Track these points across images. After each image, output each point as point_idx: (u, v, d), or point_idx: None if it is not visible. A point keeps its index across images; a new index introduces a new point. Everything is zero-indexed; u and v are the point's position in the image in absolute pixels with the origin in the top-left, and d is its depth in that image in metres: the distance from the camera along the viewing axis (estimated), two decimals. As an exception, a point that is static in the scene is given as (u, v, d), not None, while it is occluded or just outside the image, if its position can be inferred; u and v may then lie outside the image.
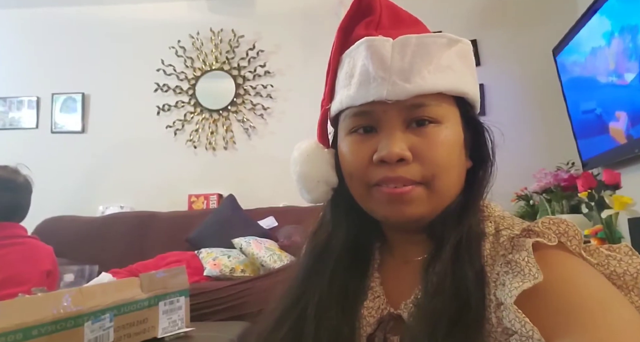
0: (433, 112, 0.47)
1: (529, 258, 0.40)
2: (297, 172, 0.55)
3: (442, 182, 0.47)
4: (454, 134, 0.48)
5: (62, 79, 3.13)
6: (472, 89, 0.50)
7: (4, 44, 3.21)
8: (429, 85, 0.46)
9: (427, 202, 0.47)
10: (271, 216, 2.60)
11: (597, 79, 2.01)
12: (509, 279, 0.40)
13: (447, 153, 0.46)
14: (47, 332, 0.79)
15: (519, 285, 0.38)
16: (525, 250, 0.41)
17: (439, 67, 0.47)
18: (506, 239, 0.44)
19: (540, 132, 2.68)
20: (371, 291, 0.50)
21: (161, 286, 1.06)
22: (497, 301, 0.41)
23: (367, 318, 0.49)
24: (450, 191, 0.48)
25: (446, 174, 0.47)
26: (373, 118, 0.48)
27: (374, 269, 0.53)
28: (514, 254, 0.42)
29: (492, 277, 0.43)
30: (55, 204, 2.83)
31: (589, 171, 2.01)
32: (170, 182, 2.96)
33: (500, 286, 0.41)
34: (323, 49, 3.02)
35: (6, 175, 1.50)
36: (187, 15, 3.14)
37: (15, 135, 3.10)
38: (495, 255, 0.44)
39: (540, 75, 2.68)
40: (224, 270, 2.06)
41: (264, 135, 3.00)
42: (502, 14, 2.85)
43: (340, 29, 0.54)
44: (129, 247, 2.52)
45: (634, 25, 1.69)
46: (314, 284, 0.51)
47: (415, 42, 0.46)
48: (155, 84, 3.06)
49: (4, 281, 1.35)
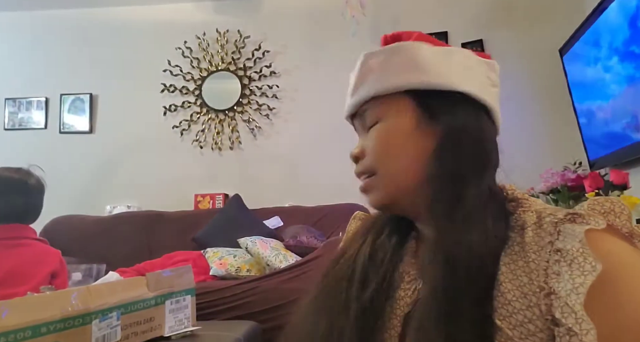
0: (372, 115, 0.56)
1: (584, 249, 0.40)
2: None
3: (387, 168, 0.54)
4: (391, 126, 0.55)
5: (71, 80, 3.16)
6: (414, 78, 0.54)
7: (14, 45, 3.25)
8: (363, 93, 0.56)
9: (381, 189, 0.55)
10: (277, 216, 2.60)
11: (604, 79, 1.99)
12: (565, 269, 0.40)
13: (384, 144, 0.55)
14: (55, 330, 0.80)
15: (583, 280, 0.38)
16: (578, 240, 0.41)
17: (370, 78, 0.56)
18: (549, 224, 0.44)
19: (547, 132, 2.67)
20: (407, 275, 0.54)
21: (168, 285, 1.06)
22: (548, 289, 0.41)
23: (404, 299, 0.52)
24: (401, 174, 0.54)
25: (388, 160, 0.54)
26: (356, 130, 0.61)
27: (409, 255, 0.56)
28: (563, 243, 0.42)
29: (540, 265, 0.43)
30: (63, 203, 2.85)
31: (597, 171, 1.99)
32: (177, 182, 2.97)
33: (554, 275, 0.41)
34: (329, 49, 3.05)
35: (18, 177, 1.50)
36: (193, 16, 3.16)
37: (24, 135, 3.14)
38: (539, 241, 0.44)
39: (546, 75, 2.66)
40: (229, 269, 2.07)
41: (269, 136, 3.01)
42: (509, 13, 2.84)
43: None
44: (136, 247, 2.53)
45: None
46: (355, 244, 0.60)
47: (364, 58, 0.58)
48: (162, 84, 3.08)
49: (5, 280, 1.36)
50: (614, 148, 1.98)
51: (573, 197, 2.08)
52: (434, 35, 2.89)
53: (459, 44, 2.85)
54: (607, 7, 1.90)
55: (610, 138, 1.99)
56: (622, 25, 1.81)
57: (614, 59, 1.90)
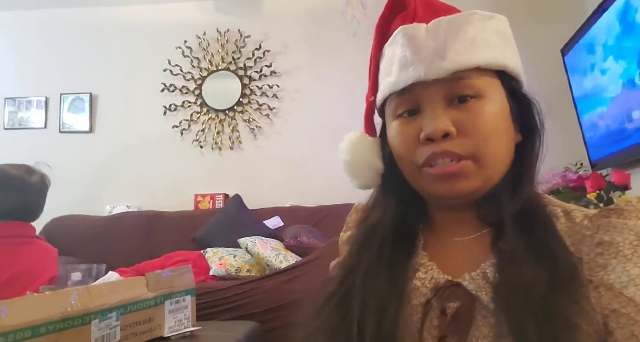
0: (473, 86, 0.48)
1: (638, 241, 0.40)
2: (343, 160, 0.59)
3: (489, 155, 0.47)
4: (498, 106, 0.49)
5: (70, 79, 3.15)
6: (513, 62, 0.51)
7: (14, 45, 3.24)
8: (465, 60, 0.47)
9: (477, 176, 0.48)
10: (277, 216, 2.60)
11: (606, 79, 1.99)
12: (614, 262, 0.40)
13: (491, 125, 0.47)
14: (55, 330, 0.79)
15: (639, 272, 0.39)
16: (633, 233, 0.41)
17: (474, 43, 0.48)
18: (583, 217, 0.45)
19: (549, 133, 2.64)
20: (422, 266, 0.51)
21: (167, 285, 1.06)
22: (596, 282, 0.41)
23: (420, 289, 0.49)
24: (499, 163, 0.49)
25: (492, 146, 0.47)
26: (415, 100, 0.50)
27: (420, 248, 0.53)
28: (607, 235, 0.42)
29: (582, 256, 0.43)
30: (63, 203, 2.84)
31: (598, 172, 1.98)
32: (177, 182, 2.97)
33: (600, 268, 0.41)
34: (330, 49, 3.05)
35: (17, 174, 1.50)
36: (194, 15, 3.15)
37: (24, 135, 3.13)
38: (573, 234, 0.45)
39: (548, 75, 2.66)
40: (229, 270, 2.07)
41: (270, 136, 3.01)
42: (510, 13, 2.78)
43: (378, 26, 0.58)
44: (136, 247, 2.53)
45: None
46: (363, 259, 0.53)
47: (447, 22, 0.48)
48: (162, 84, 3.08)
49: (13, 279, 1.36)
50: (615, 149, 1.97)
51: (574, 198, 2.08)
52: (435, 35, 2.89)
53: (460, 44, 2.84)
54: (609, 7, 1.90)
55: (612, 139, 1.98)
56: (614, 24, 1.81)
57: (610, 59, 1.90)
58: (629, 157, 1.90)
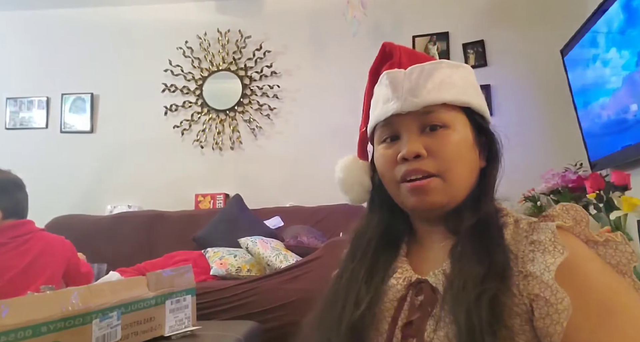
0: (441, 118, 0.58)
1: (555, 238, 0.50)
2: (338, 177, 0.70)
3: (454, 175, 0.57)
4: (462, 136, 0.59)
5: (72, 79, 3.16)
6: (476, 101, 0.62)
7: (15, 45, 3.25)
8: (433, 97, 0.58)
9: (443, 192, 0.57)
10: (277, 216, 2.61)
11: (605, 79, 1.99)
12: (538, 256, 0.50)
13: (455, 151, 0.58)
14: (55, 329, 0.80)
15: (554, 261, 0.48)
16: (550, 232, 0.51)
17: (441, 84, 0.59)
18: (526, 224, 0.55)
19: (548, 133, 2.66)
20: (400, 268, 0.61)
21: (168, 284, 1.07)
22: (525, 273, 0.50)
23: (396, 286, 0.59)
24: (462, 183, 0.59)
25: (456, 168, 0.58)
26: (395, 128, 0.61)
27: (401, 255, 0.63)
28: (536, 235, 0.52)
29: (518, 254, 0.52)
30: (64, 203, 2.86)
31: (598, 172, 1.98)
32: (178, 182, 2.98)
33: (529, 261, 0.51)
34: (330, 49, 3.05)
35: (13, 176, 1.57)
36: (195, 16, 3.16)
37: (26, 135, 3.14)
38: (516, 237, 0.54)
39: (548, 75, 2.66)
40: (230, 269, 2.07)
41: (270, 136, 3.01)
42: (510, 14, 2.84)
43: (370, 71, 0.70)
44: (136, 246, 2.54)
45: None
46: (350, 260, 0.65)
47: (420, 68, 0.60)
48: (162, 84, 3.08)
49: (20, 274, 1.41)
50: (615, 149, 1.97)
51: (574, 198, 2.08)
52: (435, 35, 2.89)
53: (460, 44, 2.85)
54: (608, 8, 1.90)
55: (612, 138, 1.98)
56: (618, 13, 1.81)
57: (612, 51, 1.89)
58: (629, 157, 1.90)
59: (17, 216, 1.54)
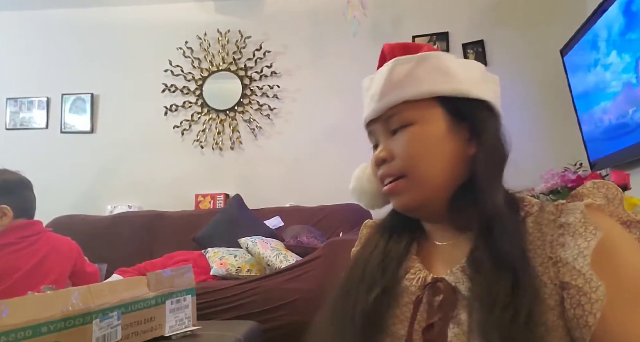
0: (402, 118, 0.58)
1: (585, 218, 0.47)
2: (350, 188, 0.71)
3: (420, 171, 0.56)
4: (427, 130, 0.57)
5: (72, 79, 3.16)
6: (449, 86, 0.57)
7: (15, 45, 3.25)
8: (391, 99, 0.58)
9: (412, 190, 0.56)
10: (277, 216, 2.61)
11: (605, 80, 1.99)
12: (569, 239, 0.47)
13: (417, 147, 0.56)
14: (56, 330, 0.80)
15: (587, 244, 0.45)
16: (579, 211, 0.47)
17: (400, 83, 0.58)
18: (553, 207, 0.51)
19: (548, 133, 2.66)
20: (413, 269, 0.59)
21: (168, 284, 1.07)
22: (555, 258, 0.47)
23: (410, 288, 0.57)
24: (433, 177, 0.56)
25: (420, 164, 0.56)
26: (374, 134, 0.63)
27: (412, 253, 0.61)
28: (564, 217, 0.49)
29: (547, 239, 0.49)
30: (64, 203, 2.86)
31: (597, 172, 1.99)
32: (178, 182, 2.98)
33: (559, 246, 0.47)
34: (330, 49, 3.05)
35: (22, 176, 1.58)
36: (195, 16, 3.16)
37: (26, 135, 3.14)
38: (542, 221, 0.51)
39: (547, 75, 2.66)
40: (230, 269, 2.07)
41: (270, 136, 3.01)
42: (510, 14, 2.84)
43: None
44: (137, 246, 2.54)
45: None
46: (364, 253, 0.64)
47: (379, 73, 0.61)
48: (162, 84, 3.09)
49: (29, 273, 1.43)
50: (615, 149, 1.97)
51: (574, 197, 2.07)
52: (435, 35, 2.89)
53: (460, 44, 2.85)
54: (609, 8, 1.90)
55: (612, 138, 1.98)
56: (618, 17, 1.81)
57: (613, 54, 1.89)
58: (628, 157, 1.90)
59: (27, 216, 1.54)
